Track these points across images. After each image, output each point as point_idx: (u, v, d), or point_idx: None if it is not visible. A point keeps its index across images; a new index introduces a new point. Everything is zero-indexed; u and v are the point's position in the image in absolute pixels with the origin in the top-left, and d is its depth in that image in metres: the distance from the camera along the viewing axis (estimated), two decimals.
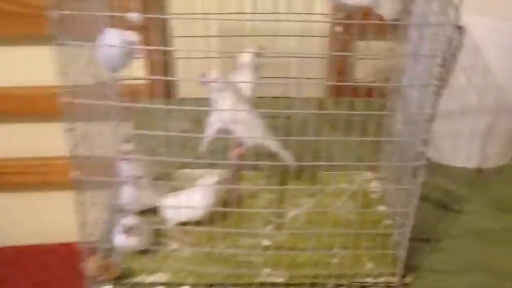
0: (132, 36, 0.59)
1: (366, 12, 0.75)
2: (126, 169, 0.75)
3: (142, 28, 0.58)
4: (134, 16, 0.56)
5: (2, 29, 1.15)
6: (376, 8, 0.74)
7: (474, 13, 0.83)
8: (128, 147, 0.75)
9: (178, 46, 0.80)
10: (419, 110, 0.67)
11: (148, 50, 0.79)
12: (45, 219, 1.42)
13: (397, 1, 0.73)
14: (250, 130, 0.71)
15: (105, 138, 0.72)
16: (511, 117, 0.94)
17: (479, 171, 0.96)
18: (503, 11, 0.88)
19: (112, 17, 0.62)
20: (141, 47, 0.61)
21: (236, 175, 0.78)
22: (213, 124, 0.75)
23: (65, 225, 1.36)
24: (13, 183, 1.35)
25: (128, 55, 0.62)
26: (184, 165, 0.85)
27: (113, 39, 0.61)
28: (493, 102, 0.91)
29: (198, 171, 0.83)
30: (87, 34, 0.61)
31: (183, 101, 1.05)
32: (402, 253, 0.70)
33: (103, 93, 0.69)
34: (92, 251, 0.70)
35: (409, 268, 0.73)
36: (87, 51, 0.63)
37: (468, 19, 0.60)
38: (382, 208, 0.84)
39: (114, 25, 0.62)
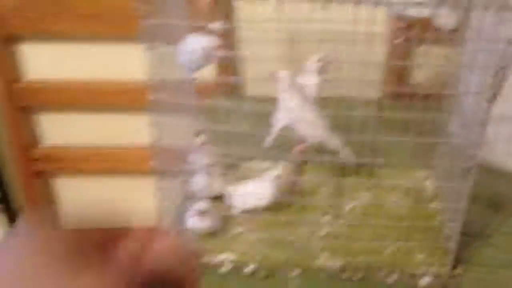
0: (212, 41, 0.66)
1: (425, 22, 0.80)
2: (199, 159, 0.83)
3: (221, 35, 0.65)
4: (216, 25, 0.64)
5: (91, 29, 1.25)
6: (435, 18, 0.78)
7: None
8: (201, 139, 0.83)
9: (247, 49, 0.87)
10: (473, 115, 0.71)
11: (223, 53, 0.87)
12: (124, 203, 1.52)
13: (455, 12, 0.77)
14: (312, 128, 0.77)
15: (182, 130, 0.80)
16: None
17: None
18: None
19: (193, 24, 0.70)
20: (218, 52, 0.68)
21: (299, 168, 0.84)
22: (279, 121, 0.82)
23: (140, 209, 1.47)
24: (97, 168, 1.46)
25: (206, 59, 0.69)
26: (250, 158, 0.92)
27: (194, 44, 0.68)
28: None
29: (263, 164, 0.90)
30: (172, 38, 0.69)
31: (251, 99, 1.12)
32: (452, 245, 0.75)
33: (182, 90, 0.77)
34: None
35: (459, 261, 0.78)
36: (171, 53, 0.71)
37: None
38: (435, 204, 0.89)
39: (194, 31, 0.70)
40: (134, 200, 1.49)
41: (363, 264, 0.77)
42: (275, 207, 0.83)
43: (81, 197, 1.53)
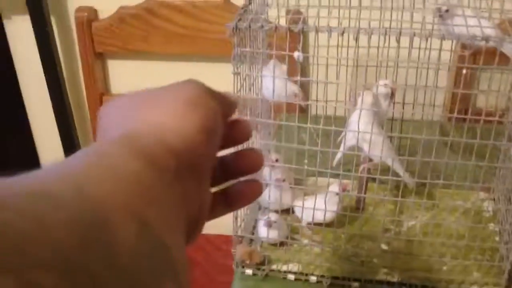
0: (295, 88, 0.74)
1: (491, 50, 0.85)
2: (271, 174, 0.90)
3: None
4: (298, 55, 0.71)
5: (179, 48, 1.36)
6: (500, 46, 0.83)
7: None
8: (273, 155, 0.90)
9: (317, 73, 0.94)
10: None
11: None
12: None
13: None
14: (377, 149, 0.83)
15: (257, 147, 0.88)
16: None
17: None
18: None
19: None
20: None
21: (363, 185, 0.90)
22: (348, 140, 0.88)
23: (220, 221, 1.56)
24: None
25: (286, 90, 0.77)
26: (315, 174, 0.98)
27: (276, 71, 0.76)
28: None
29: (327, 180, 0.96)
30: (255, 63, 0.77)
31: (317, 118, 1.19)
32: (507, 266, 0.79)
33: (260, 110, 0.84)
34: (240, 241, 0.85)
35: None
36: (254, 77, 0.79)
37: None
38: (493, 226, 0.93)
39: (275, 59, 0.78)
40: None
41: (421, 279, 0.82)
42: (339, 220, 0.89)
43: None
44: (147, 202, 0.24)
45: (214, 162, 0.33)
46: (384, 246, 0.88)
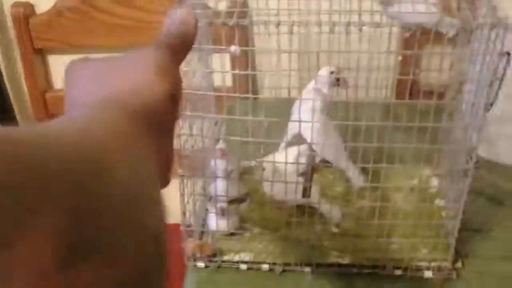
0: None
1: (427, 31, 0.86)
2: (220, 164, 0.89)
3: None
4: (235, 49, 0.70)
5: (122, 40, 1.33)
6: (438, 26, 0.84)
7: None
8: (221, 145, 0.89)
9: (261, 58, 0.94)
10: (471, 120, 0.77)
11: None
12: None
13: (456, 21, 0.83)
14: (324, 142, 0.83)
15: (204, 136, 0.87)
16: None
17: None
18: None
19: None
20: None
21: (309, 174, 0.90)
22: (290, 129, 0.89)
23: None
24: None
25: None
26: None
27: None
28: None
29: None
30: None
31: (265, 101, 1.19)
32: (452, 241, 0.81)
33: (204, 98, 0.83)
34: (190, 233, 0.85)
35: (460, 254, 0.84)
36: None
37: None
38: (438, 201, 0.95)
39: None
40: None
41: (371, 260, 0.83)
42: (288, 208, 0.90)
43: None
44: (133, 150, 0.29)
45: (176, 121, 0.39)
46: (334, 229, 0.89)
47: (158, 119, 0.34)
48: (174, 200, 1.04)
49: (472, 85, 0.79)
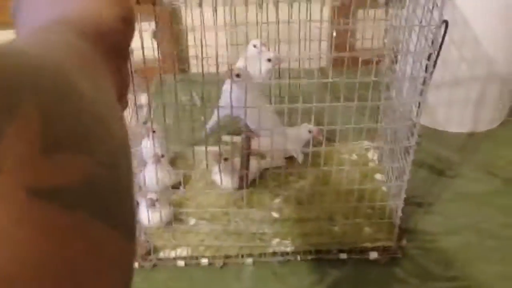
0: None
1: None
2: (148, 148, 0.82)
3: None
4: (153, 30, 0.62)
5: None
6: None
7: None
8: (148, 125, 0.82)
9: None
10: (410, 94, 0.73)
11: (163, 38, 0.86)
12: None
13: None
14: (256, 120, 0.77)
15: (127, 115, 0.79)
16: (499, 85, 1.00)
17: (470, 135, 1.03)
18: None
19: None
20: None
21: (245, 161, 0.85)
22: (222, 110, 0.82)
23: None
24: None
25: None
26: (196, 143, 0.91)
27: None
28: (484, 72, 0.97)
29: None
30: None
31: (194, 76, 1.11)
32: (396, 221, 0.78)
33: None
34: None
35: (404, 231, 0.82)
36: None
37: None
38: (379, 176, 0.92)
39: None
40: None
41: (314, 245, 0.79)
42: (226, 197, 0.85)
43: None
44: (92, 70, 0.29)
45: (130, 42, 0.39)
46: (275, 214, 0.85)
47: (111, 40, 0.35)
48: None
49: (408, 56, 0.75)
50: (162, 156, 0.85)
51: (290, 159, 0.91)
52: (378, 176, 0.92)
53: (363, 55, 0.76)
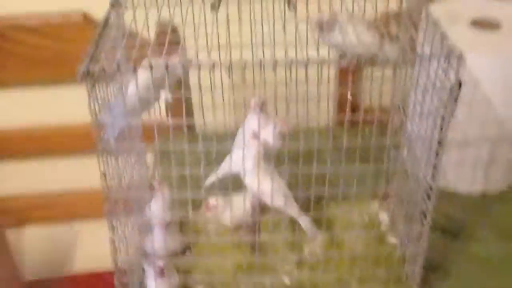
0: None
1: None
2: (155, 210, 0.80)
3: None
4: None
5: (41, 73, 1.22)
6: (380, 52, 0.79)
7: (470, 51, 0.88)
8: (156, 185, 0.80)
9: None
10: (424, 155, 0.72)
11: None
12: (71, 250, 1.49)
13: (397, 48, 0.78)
14: (267, 190, 0.75)
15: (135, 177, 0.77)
16: (510, 146, 0.99)
17: (482, 196, 1.01)
18: (498, 46, 0.92)
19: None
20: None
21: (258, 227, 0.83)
22: (223, 168, 0.81)
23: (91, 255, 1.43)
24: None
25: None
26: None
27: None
28: (494, 132, 0.96)
29: None
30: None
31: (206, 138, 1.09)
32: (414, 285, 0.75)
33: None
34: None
35: None
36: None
37: (466, 57, 0.65)
38: (391, 237, 0.89)
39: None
40: (89, 245, 1.45)
41: None
42: (235, 263, 0.82)
43: (33, 246, 1.48)
44: None
45: None
46: (286, 280, 0.82)
47: None
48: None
49: (419, 116, 0.74)
50: (170, 222, 0.82)
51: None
52: (391, 239, 0.89)
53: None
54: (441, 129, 0.67)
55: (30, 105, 1.28)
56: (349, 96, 0.67)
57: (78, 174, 1.36)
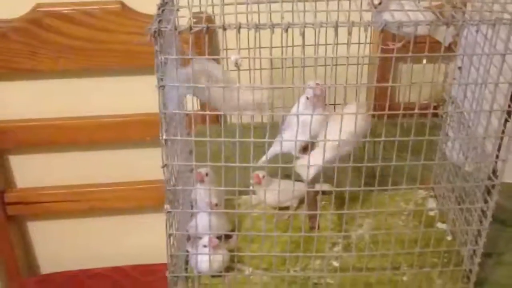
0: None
1: (421, 40, 0.78)
2: (202, 195, 0.78)
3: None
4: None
5: (74, 63, 1.21)
6: (433, 34, 0.77)
7: None
8: (203, 170, 0.78)
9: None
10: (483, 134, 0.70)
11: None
12: (91, 244, 1.47)
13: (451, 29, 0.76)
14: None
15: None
16: None
17: None
18: None
19: None
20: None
21: (315, 202, 0.81)
22: (272, 151, 0.79)
23: (110, 250, 1.42)
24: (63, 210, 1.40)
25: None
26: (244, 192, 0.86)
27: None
28: None
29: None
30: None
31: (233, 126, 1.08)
32: (474, 269, 0.73)
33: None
34: (176, 282, 0.73)
35: (476, 282, 0.76)
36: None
37: None
38: (441, 225, 0.87)
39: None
40: (119, 239, 1.44)
41: None
42: (284, 245, 0.79)
43: (59, 241, 1.46)
44: None
45: None
46: (335, 263, 0.79)
47: None
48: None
49: (479, 90, 0.71)
50: (216, 204, 0.80)
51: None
52: (440, 225, 0.87)
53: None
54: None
55: (60, 98, 1.28)
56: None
57: (100, 167, 1.35)
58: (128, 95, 1.25)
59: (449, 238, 0.84)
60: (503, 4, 0.64)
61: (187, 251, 0.79)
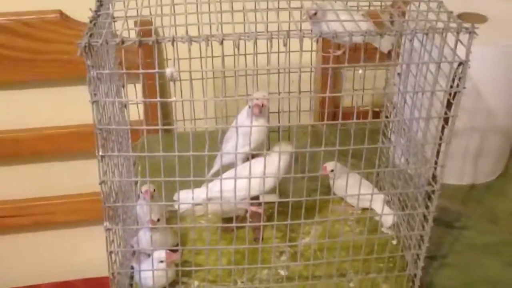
0: None
1: (358, 46, 0.79)
2: (144, 211, 0.77)
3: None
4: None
5: (14, 75, 1.18)
6: (372, 41, 0.77)
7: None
8: (147, 187, 0.77)
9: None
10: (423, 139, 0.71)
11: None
12: (38, 259, 1.43)
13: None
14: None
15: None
16: (499, 137, 0.99)
17: (471, 187, 1.01)
18: (488, 37, 0.92)
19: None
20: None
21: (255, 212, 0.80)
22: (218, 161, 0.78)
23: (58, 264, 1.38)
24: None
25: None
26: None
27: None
28: (483, 123, 0.96)
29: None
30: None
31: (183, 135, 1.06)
32: (418, 273, 0.74)
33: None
34: None
35: (420, 286, 0.77)
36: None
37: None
38: (386, 230, 0.88)
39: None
40: (68, 253, 1.40)
41: None
42: (230, 256, 0.79)
43: (4, 257, 1.41)
44: None
45: None
46: (282, 272, 0.79)
47: None
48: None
49: (415, 99, 0.72)
50: (158, 220, 0.78)
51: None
52: (386, 230, 0.88)
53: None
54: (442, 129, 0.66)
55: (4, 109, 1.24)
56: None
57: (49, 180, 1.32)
58: (71, 106, 1.22)
59: (394, 242, 0.85)
60: (437, 13, 0.65)
61: (132, 267, 0.78)
